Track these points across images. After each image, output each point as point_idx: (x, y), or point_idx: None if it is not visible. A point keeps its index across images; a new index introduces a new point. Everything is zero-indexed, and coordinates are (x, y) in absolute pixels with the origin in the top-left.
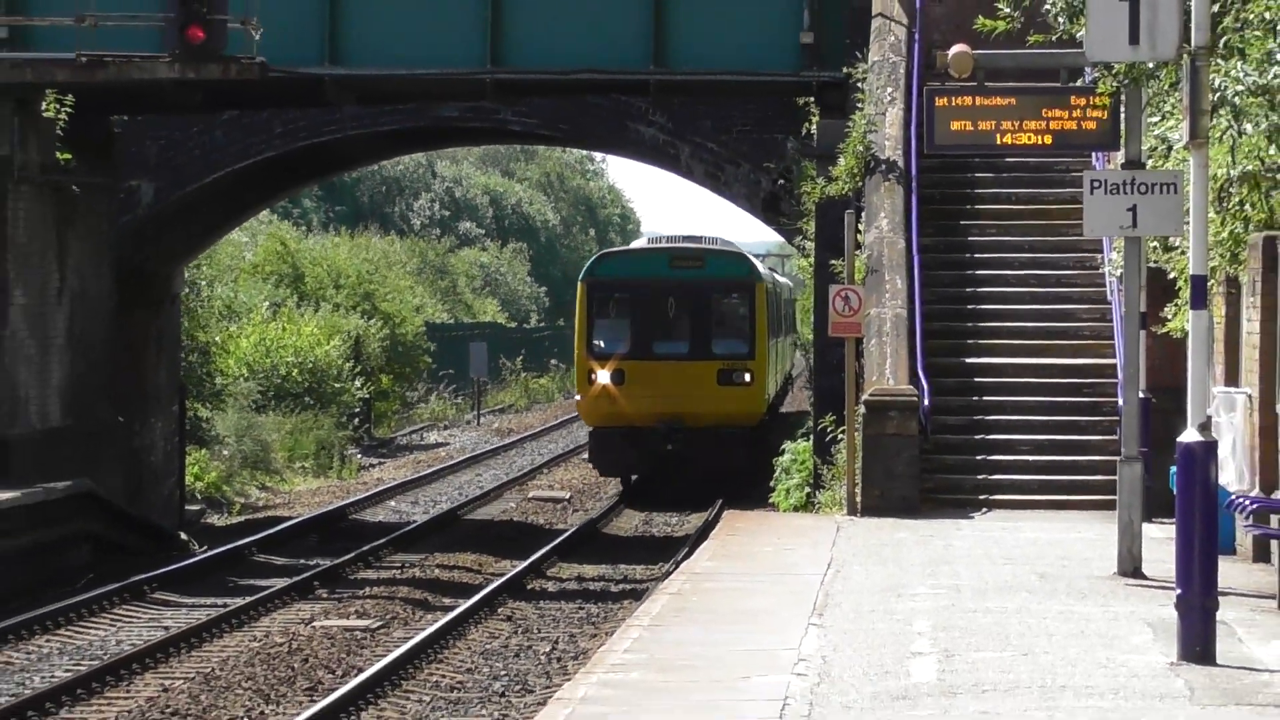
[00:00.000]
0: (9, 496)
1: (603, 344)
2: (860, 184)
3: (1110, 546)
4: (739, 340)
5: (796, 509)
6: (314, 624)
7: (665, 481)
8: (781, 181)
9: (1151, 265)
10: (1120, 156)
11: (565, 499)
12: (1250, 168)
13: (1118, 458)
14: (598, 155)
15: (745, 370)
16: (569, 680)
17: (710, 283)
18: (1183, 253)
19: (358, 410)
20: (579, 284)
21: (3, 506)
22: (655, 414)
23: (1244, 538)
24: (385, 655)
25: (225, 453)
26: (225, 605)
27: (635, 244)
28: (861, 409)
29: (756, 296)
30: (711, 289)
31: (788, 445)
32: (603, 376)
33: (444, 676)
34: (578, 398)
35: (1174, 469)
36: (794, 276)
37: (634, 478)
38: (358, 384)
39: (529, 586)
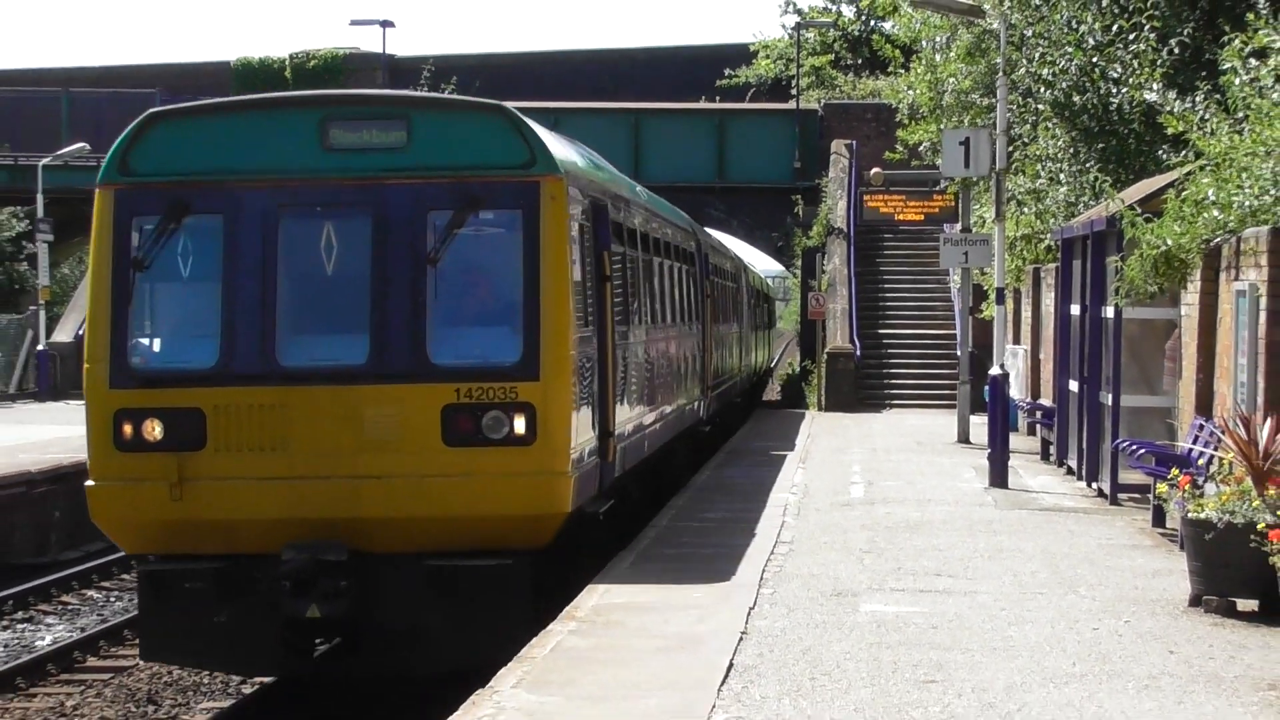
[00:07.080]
0: None
1: (155, 345)
2: (825, 240)
3: (953, 428)
4: (499, 325)
5: (791, 406)
6: None
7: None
8: (783, 239)
9: (975, 283)
10: (959, 226)
11: None
12: (1026, 232)
13: (957, 382)
14: None
15: (514, 407)
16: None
17: (426, 182)
18: (991, 275)
19: None
20: (96, 192)
21: None
22: (284, 522)
23: (1023, 423)
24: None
25: None
26: None
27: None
28: (825, 355)
29: (545, 215)
30: (429, 195)
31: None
32: (150, 429)
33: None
34: (90, 483)
35: (986, 388)
36: (786, 288)
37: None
38: None
39: None
